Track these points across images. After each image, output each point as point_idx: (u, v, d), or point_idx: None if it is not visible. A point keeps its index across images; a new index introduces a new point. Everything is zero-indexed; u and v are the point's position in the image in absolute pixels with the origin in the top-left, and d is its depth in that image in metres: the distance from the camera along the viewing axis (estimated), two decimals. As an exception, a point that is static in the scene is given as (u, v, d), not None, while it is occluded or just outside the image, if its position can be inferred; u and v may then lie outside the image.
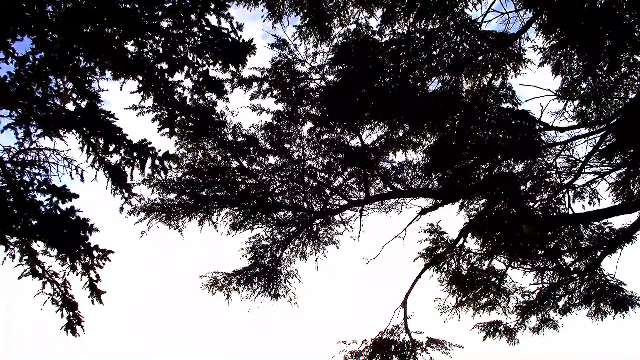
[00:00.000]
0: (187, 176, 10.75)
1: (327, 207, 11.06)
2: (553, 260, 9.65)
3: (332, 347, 11.05)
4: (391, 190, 10.88)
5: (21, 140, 7.52)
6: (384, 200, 11.21)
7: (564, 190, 9.42)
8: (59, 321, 8.07)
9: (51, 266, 7.97)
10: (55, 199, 7.74)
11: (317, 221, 11.23)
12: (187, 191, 10.86)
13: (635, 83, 8.81)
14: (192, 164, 10.67)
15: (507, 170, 9.28)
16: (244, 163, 10.84)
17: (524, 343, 11.02)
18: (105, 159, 8.02)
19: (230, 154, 10.73)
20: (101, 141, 7.90)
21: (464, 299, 10.56)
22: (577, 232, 9.50)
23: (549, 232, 9.29)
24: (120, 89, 7.86)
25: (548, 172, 9.26)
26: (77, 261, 7.98)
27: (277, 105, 10.46)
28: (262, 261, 11.26)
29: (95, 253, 8.05)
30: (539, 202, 9.39)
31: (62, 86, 7.39)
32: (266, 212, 11.01)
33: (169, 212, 11.05)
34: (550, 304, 10.29)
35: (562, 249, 9.62)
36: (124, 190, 8.28)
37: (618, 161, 9.33)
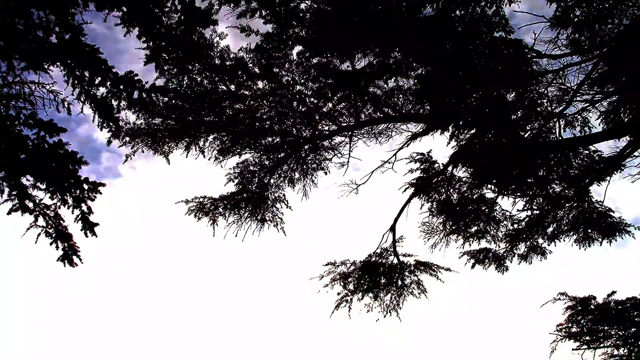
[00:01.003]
0: (173, 101, 10.65)
1: (316, 132, 11.13)
2: (542, 189, 9.89)
3: (319, 270, 11.34)
4: (381, 116, 10.94)
5: (4, 74, 7.46)
6: (374, 126, 11.27)
7: (555, 119, 9.54)
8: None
9: (42, 199, 8.07)
10: (42, 133, 7.76)
11: (306, 147, 11.32)
12: (173, 116, 10.79)
13: (630, 10, 8.76)
14: (179, 88, 10.55)
15: (498, 99, 9.33)
16: (232, 87, 10.75)
17: (512, 270, 11.45)
18: (91, 92, 7.99)
19: (217, 79, 10.64)
20: (86, 74, 7.84)
21: (454, 227, 10.85)
22: (566, 160, 9.67)
23: (539, 161, 9.46)
24: (104, 21, 7.74)
25: (539, 101, 9.33)
26: (68, 194, 8.09)
27: (266, 27, 10.27)
28: (250, 187, 11.37)
29: (85, 186, 8.15)
30: (529, 132, 9.51)
31: (44, 19, 7.25)
32: (254, 137, 11.03)
33: (155, 137, 11.02)
34: (538, 232, 10.60)
35: (551, 178, 9.83)
36: (111, 124, 8.29)
37: (610, 89, 9.41)
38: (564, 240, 10.70)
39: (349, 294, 11.18)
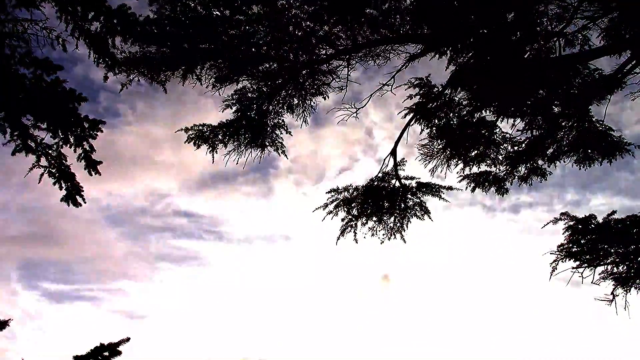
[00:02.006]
0: (167, 28, 10.49)
1: (314, 57, 11.03)
2: (542, 110, 9.92)
3: (323, 198, 11.51)
4: (379, 37, 10.81)
5: (-4, 13, 7.36)
6: (372, 48, 11.15)
7: (555, 39, 9.45)
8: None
9: (43, 139, 8.11)
10: (39, 71, 7.72)
11: (304, 72, 11.26)
12: (168, 44, 10.66)
13: None
14: (172, 15, 10.38)
15: (498, 19, 9.22)
16: (227, 13, 10.58)
17: (512, 192, 11.62)
18: (85, 27, 7.90)
19: (211, 4, 10.44)
20: (79, 9, 7.73)
21: (453, 152, 10.94)
22: (566, 79, 9.66)
23: (539, 81, 9.45)
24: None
25: (539, 20, 9.22)
26: (69, 133, 8.12)
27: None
28: (249, 114, 11.37)
29: (85, 124, 8.17)
30: (529, 52, 9.45)
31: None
32: (251, 64, 10.95)
33: (151, 65, 10.93)
34: (538, 153, 10.70)
35: (551, 98, 9.84)
36: (107, 59, 8.23)
37: (612, 4, 9.29)
38: (564, 161, 10.82)
39: (353, 219, 11.39)
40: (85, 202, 8.48)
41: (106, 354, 8.79)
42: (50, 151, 8.13)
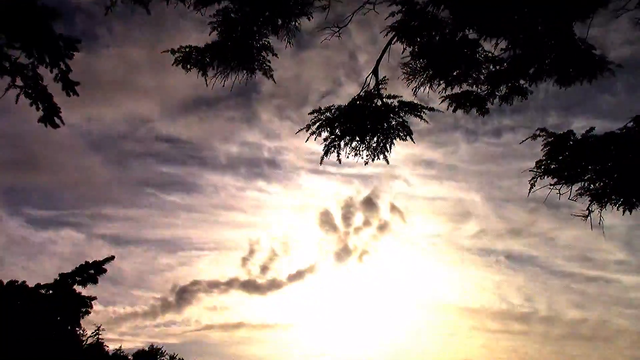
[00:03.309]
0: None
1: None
2: (525, 29, 9.75)
3: (306, 121, 11.44)
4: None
5: None
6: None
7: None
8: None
9: (18, 58, 8.04)
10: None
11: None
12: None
13: None
14: None
15: None
16: None
17: (494, 116, 11.55)
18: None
19: None
20: None
21: (435, 71, 10.82)
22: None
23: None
24: None
25: None
26: (44, 52, 8.04)
27: None
28: (234, 35, 11.20)
29: (61, 43, 8.08)
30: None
31: None
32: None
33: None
34: (520, 73, 10.58)
35: (534, 16, 9.66)
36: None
37: None
38: (545, 81, 10.69)
39: (336, 139, 11.37)
40: (63, 124, 8.49)
41: (92, 271, 8.97)
42: (25, 71, 8.07)
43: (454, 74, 11.03)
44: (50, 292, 9.21)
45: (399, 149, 11.44)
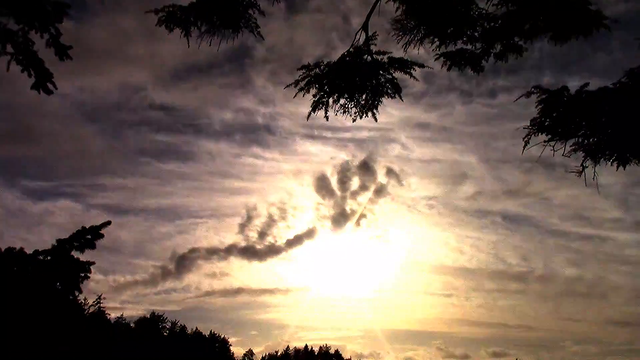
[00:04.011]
0: None
1: None
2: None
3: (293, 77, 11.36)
4: None
5: None
6: None
7: None
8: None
9: (6, 25, 7.87)
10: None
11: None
12: None
13: None
14: None
15: None
16: None
17: (489, 76, 11.54)
18: None
19: None
20: None
21: (428, 29, 10.75)
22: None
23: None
24: None
25: None
26: (33, 17, 7.86)
27: None
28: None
29: (48, 7, 7.90)
30: None
31: None
32: None
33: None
34: (515, 29, 10.54)
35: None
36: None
37: None
38: (540, 38, 10.67)
39: (325, 95, 11.33)
40: (56, 89, 8.35)
41: (89, 237, 8.97)
42: (15, 38, 7.90)
43: (448, 31, 10.96)
44: (49, 258, 9.22)
45: (394, 112, 11.52)
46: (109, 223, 9.20)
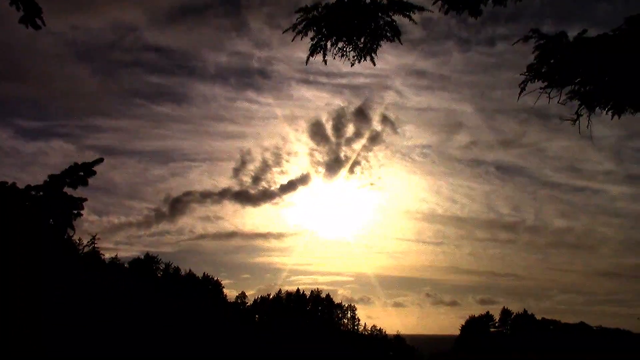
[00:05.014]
0: None
1: None
2: None
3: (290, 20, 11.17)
4: None
5: None
6: None
7: None
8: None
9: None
10: None
11: None
12: None
13: None
14: None
15: None
16: None
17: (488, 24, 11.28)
18: None
19: None
20: None
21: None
22: None
23: None
24: None
25: None
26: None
27: None
28: None
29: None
30: None
31: None
32: None
33: None
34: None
35: None
36: None
37: None
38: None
39: (323, 38, 11.16)
40: (44, 24, 8.18)
41: (81, 173, 8.93)
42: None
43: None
44: (41, 193, 9.20)
45: (391, 59, 11.46)
46: (101, 160, 9.14)
